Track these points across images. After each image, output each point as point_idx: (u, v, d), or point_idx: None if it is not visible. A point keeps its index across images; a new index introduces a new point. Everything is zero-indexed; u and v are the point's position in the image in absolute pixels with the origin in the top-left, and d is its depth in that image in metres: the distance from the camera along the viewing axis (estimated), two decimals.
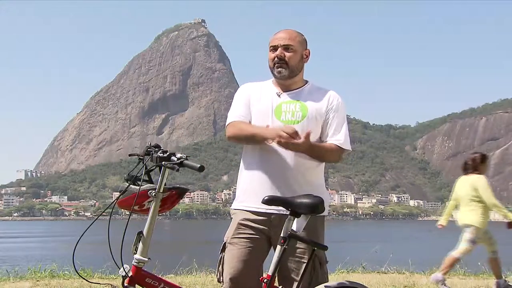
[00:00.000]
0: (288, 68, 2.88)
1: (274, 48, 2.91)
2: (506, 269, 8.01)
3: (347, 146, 2.91)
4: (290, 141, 2.64)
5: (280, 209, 2.72)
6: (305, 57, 2.97)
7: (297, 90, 2.95)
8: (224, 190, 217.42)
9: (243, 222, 2.84)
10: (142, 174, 2.62)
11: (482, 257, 8.36)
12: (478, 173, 6.58)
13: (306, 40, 2.98)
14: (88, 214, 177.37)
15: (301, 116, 2.86)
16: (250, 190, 2.88)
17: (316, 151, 2.80)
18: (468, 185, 6.59)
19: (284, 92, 2.94)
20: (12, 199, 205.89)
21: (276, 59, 2.89)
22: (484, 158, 6.70)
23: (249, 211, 2.86)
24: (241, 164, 3.00)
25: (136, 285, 2.53)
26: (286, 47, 2.88)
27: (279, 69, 2.88)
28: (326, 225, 2.98)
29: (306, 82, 3.02)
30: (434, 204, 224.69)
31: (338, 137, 2.89)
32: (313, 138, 2.85)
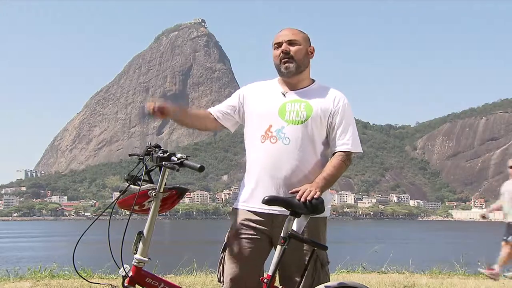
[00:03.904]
0: (295, 63, 2.85)
1: (279, 45, 2.89)
2: (506, 269, 8.02)
3: (356, 148, 2.86)
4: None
5: (282, 210, 2.70)
6: (310, 53, 2.94)
7: (303, 89, 2.92)
8: (224, 190, 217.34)
9: (244, 222, 2.83)
10: (142, 174, 2.61)
11: (482, 257, 8.37)
12: None
13: (309, 38, 2.97)
14: (88, 214, 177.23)
15: (306, 116, 2.82)
16: (252, 190, 2.86)
17: (331, 181, 2.77)
18: None
19: (289, 91, 2.91)
20: (12, 199, 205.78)
21: (282, 54, 2.86)
22: None
23: (251, 211, 2.85)
24: (246, 164, 2.99)
25: (136, 285, 2.53)
26: (291, 42, 2.86)
27: (286, 64, 2.85)
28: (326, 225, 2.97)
29: (313, 81, 2.98)
30: (434, 204, 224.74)
31: (345, 141, 2.84)
32: (317, 138, 2.85)
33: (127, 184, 2.61)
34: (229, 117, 3.01)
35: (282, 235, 2.59)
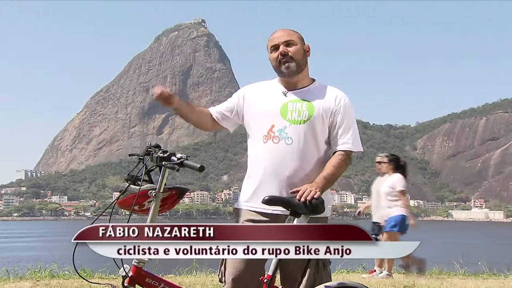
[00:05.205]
0: (295, 62, 2.83)
1: (275, 48, 2.87)
2: (507, 269, 8.02)
3: (357, 147, 2.86)
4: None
5: (284, 210, 2.69)
6: (307, 51, 2.93)
7: (303, 89, 2.90)
8: (224, 190, 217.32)
9: (246, 222, 2.82)
10: (142, 174, 2.62)
11: (482, 257, 8.36)
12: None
13: (302, 37, 2.95)
14: (88, 214, 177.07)
15: (308, 115, 2.81)
16: (254, 190, 2.85)
17: (332, 180, 2.77)
18: None
19: (290, 91, 2.90)
20: (12, 199, 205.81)
21: (280, 56, 2.84)
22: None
23: (253, 211, 2.84)
24: (247, 164, 2.99)
25: (136, 285, 2.54)
26: (288, 43, 2.85)
27: (287, 64, 2.83)
28: None
29: (313, 80, 2.97)
30: (434, 204, 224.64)
31: (346, 140, 2.84)
32: (320, 138, 2.84)
33: (127, 184, 2.61)
34: (227, 119, 3.01)
35: None
